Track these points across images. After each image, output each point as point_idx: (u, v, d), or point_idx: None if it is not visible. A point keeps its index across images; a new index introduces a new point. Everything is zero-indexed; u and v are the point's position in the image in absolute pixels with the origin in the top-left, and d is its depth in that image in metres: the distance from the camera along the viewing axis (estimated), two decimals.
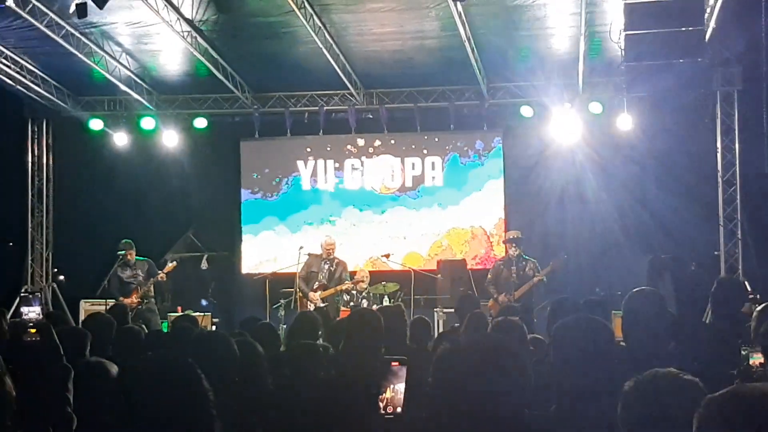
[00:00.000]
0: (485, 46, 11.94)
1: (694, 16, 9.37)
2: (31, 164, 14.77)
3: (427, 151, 14.53)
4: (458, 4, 10.09)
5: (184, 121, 14.49)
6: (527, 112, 13.57)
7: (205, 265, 13.71)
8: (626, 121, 12.81)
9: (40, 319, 4.19)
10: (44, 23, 11.01)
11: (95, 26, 11.56)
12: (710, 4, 10.08)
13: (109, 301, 11.49)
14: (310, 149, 14.74)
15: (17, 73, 12.99)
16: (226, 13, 11.29)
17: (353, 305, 11.86)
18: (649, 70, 9.88)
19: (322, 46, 11.55)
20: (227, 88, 13.46)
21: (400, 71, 13.21)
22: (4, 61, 12.66)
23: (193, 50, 11.83)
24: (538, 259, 11.61)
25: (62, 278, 14.82)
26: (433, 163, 14.51)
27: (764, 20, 10.21)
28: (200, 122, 14.40)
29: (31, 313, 4.17)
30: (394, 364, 2.99)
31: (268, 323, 7.38)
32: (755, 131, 12.17)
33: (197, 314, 11.48)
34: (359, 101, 14.08)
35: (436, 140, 14.52)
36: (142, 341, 6.10)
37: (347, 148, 14.67)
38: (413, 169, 14.54)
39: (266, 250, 14.64)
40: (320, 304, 11.48)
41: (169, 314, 12.38)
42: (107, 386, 4.19)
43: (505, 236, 12.74)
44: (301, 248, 12.12)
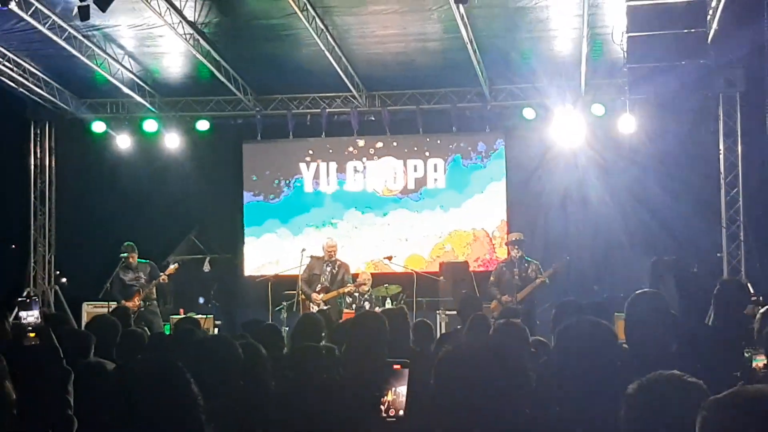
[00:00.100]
0: (487, 48, 11.93)
1: (696, 18, 9.37)
2: (33, 167, 14.78)
3: (429, 153, 14.52)
4: (460, 6, 10.09)
5: (186, 123, 14.50)
6: (529, 114, 13.57)
7: (207, 267, 13.70)
8: (628, 123, 12.80)
9: (38, 323, 4.18)
10: (47, 26, 11.02)
11: (98, 29, 11.57)
12: (713, 6, 10.08)
13: (111, 303, 11.49)
14: (312, 151, 14.74)
15: (20, 75, 13.01)
16: (228, 15, 11.31)
17: (356, 307, 11.86)
18: (651, 72, 9.88)
19: (324, 48, 11.55)
20: (229, 90, 13.47)
21: (402, 73, 13.21)
22: (6, 63, 12.68)
23: (195, 53, 11.84)
24: (540, 261, 11.60)
25: (64, 281, 14.81)
26: (435, 165, 14.50)
27: (767, 22, 10.19)
28: (203, 125, 14.41)
29: (29, 317, 4.15)
30: (396, 366, 2.99)
31: (272, 325, 7.38)
32: (757, 133, 12.15)
33: (199, 316, 11.50)
34: (361, 103, 14.08)
35: (438, 142, 14.52)
36: (145, 344, 6.10)
37: (349, 150, 14.67)
38: (415, 171, 14.54)
39: (268, 252, 14.64)
40: (323, 306, 11.49)
41: (171, 316, 12.38)
42: (105, 386, 4.19)
43: (507, 238, 12.73)
44: (303, 251, 12.13)
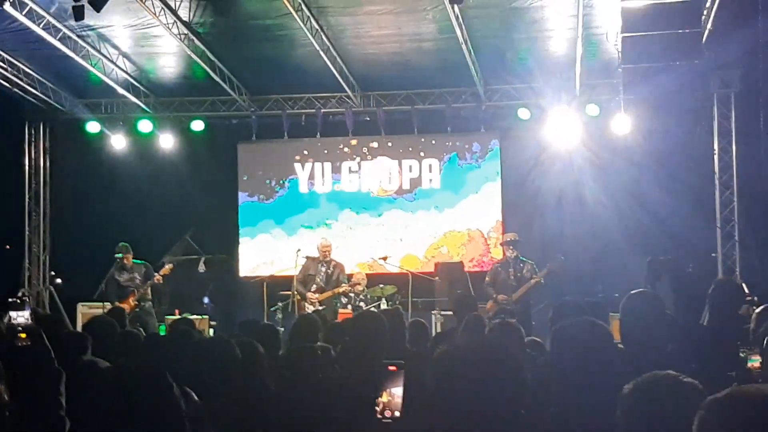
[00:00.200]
0: (482, 48, 11.94)
1: (691, 18, 9.39)
2: (28, 167, 14.76)
3: (424, 153, 14.52)
4: (455, 6, 10.10)
5: (181, 123, 14.49)
6: (524, 114, 13.58)
7: (202, 267, 13.67)
8: (623, 123, 12.79)
9: (29, 323, 4.17)
10: (41, 26, 11.00)
11: (92, 29, 11.56)
12: (707, 6, 10.09)
13: (106, 304, 11.47)
14: (307, 152, 14.73)
15: (14, 75, 12.99)
16: (223, 15, 11.30)
17: (351, 307, 11.86)
18: (646, 72, 9.89)
19: (319, 48, 11.55)
20: (224, 90, 13.46)
21: (397, 73, 13.21)
22: (1, 64, 12.65)
23: (190, 53, 11.82)
24: (535, 261, 11.60)
25: (59, 281, 14.77)
26: (430, 165, 14.49)
27: (761, 23, 10.21)
28: (197, 125, 14.40)
29: (20, 317, 4.15)
30: (391, 368, 2.97)
31: (270, 325, 7.37)
32: (752, 133, 12.17)
33: (195, 317, 11.48)
34: (356, 104, 14.08)
35: (433, 142, 14.51)
36: (141, 345, 6.06)
37: (344, 150, 14.67)
38: (410, 171, 14.53)
39: (264, 252, 14.63)
40: (318, 306, 11.48)
41: (166, 317, 12.35)
42: (97, 386, 4.17)
43: (502, 238, 12.73)
44: (298, 251, 12.12)
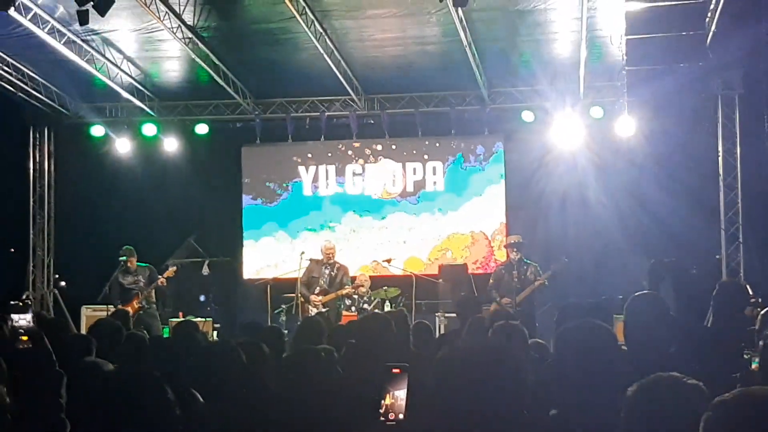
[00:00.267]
0: (486, 51, 11.94)
1: (695, 20, 9.39)
2: (32, 171, 14.78)
3: (428, 156, 14.52)
4: (459, 9, 10.10)
5: (185, 127, 14.51)
6: (528, 116, 13.57)
7: (206, 270, 13.70)
8: (627, 125, 12.79)
9: (31, 326, 4.17)
10: (46, 30, 11.03)
11: (97, 33, 11.58)
12: (711, 8, 10.09)
13: (110, 307, 11.49)
14: (311, 155, 14.74)
15: (19, 80, 13.01)
16: (227, 19, 11.32)
17: (355, 310, 11.86)
18: (650, 74, 9.89)
19: (323, 51, 11.56)
20: (228, 94, 13.47)
21: (401, 76, 13.21)
22: (5, 68, 12.68)
23: (194, 56, 11.84)
24: (539, 263, 11.59)
25: (63, 284, 14.80)
26: (434, 168, 14.50)
27: (765, 24, 10.20)
28: (202, 128, 14.42)
29: (21, 320, 4.15)
30: (395, 370, 2.97)
31: (275, 327, 7.37)
32: (756, 135, 12.16)
33: (198, 320, 11.49)
34: (360, 107, 14.08)
35: (437, 145, 14.52)
36: (146, 347, 6.06)
37: (348, 153, 14.68)
38: (414, 174, 14.54)
39: (267, 255, 14.63)
40: (321, 308, 11.48)
41: (170, 320, 12.38)
42: (97, 388, 4.18)
43: (506, 241, 12.73)
44: (302, 254, 12.12)
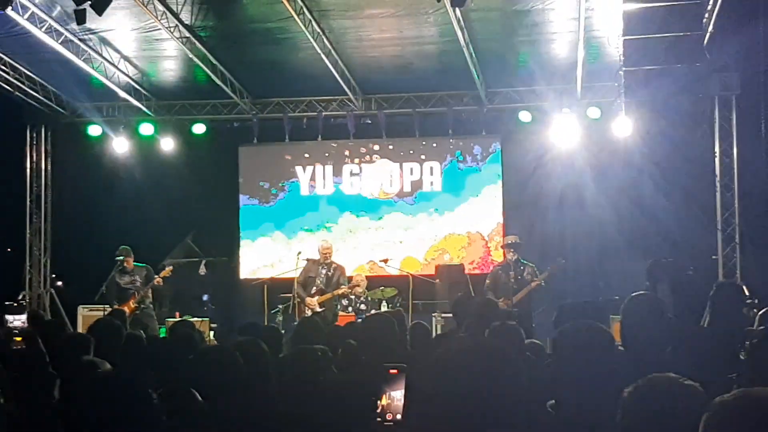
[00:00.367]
0: (484, 51, 11.95)
1: (692, 21, 9.41)
2: (29, 170, 14.76)
3: (425, 156, 14.52)
4: (457, 9, 10.10)
5: (182, 126, 14.50)
6: (526, 117, 13.58)
7: (203, 270, 13.70)
8: (624, 125, 12.78)
9: (25, 327, 4.17)
10: (43, 29, 11.01)
11: (94, 32, 11.57)
12: (708, 9, 10.10)
13: (106, 307, 11.47)
14: (308, 155, 14.74)
15: (16, 79, 13.00)
16: (224, 19, 11.31)
17: (352, 310, 11.85)
18: (647, 75, 9.92)
19: (320, 51, 11.56)
20: (226, 93, 13.46)
21: (398, 77, 13.21)
22: (3, 67, 12.67)
23: (191, 56, 11.83)
24: (536, 263, 11.59)
25: (60, 284, 14.80)
26: (431, 168, 14.50)
27: (762, 25, 10.22)
28: (199, 128, 14.41)
29: (16, 321, 4.14)
30: (392, 371, 2.96)
31: (273, 327, 7.38)
32: (753, 136, 12.16)
33: (195, 320, 11.48)
34: (358, 107, 14.08)
35: (434, 145, 14.52)
36: (145, 347, 6.04)
37: (345, 153, 14.68)
38: (411, 174, 14.54)
39: (264, 255, 14.63)
40: (318, 309, 11.46)
41: (167, 319, 12.36)
42: (89, 389, 4.16)
43: (503, 241, 12.73)
44: (299, 254, 12.11)
